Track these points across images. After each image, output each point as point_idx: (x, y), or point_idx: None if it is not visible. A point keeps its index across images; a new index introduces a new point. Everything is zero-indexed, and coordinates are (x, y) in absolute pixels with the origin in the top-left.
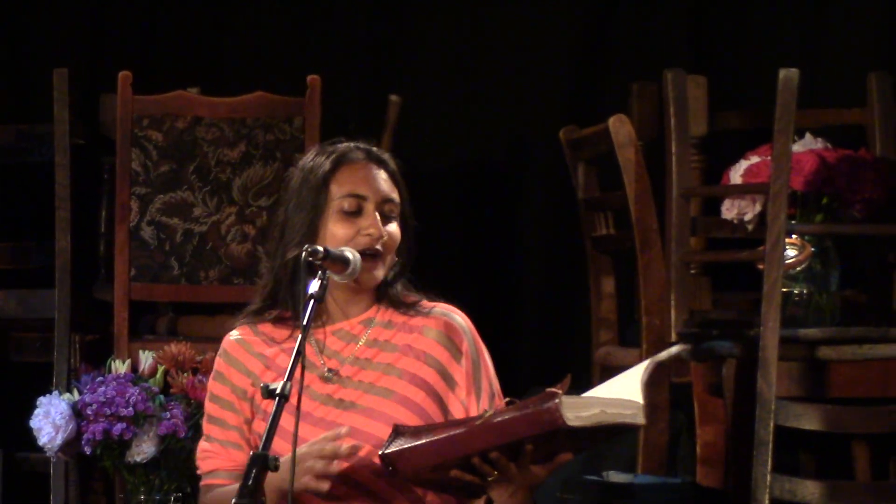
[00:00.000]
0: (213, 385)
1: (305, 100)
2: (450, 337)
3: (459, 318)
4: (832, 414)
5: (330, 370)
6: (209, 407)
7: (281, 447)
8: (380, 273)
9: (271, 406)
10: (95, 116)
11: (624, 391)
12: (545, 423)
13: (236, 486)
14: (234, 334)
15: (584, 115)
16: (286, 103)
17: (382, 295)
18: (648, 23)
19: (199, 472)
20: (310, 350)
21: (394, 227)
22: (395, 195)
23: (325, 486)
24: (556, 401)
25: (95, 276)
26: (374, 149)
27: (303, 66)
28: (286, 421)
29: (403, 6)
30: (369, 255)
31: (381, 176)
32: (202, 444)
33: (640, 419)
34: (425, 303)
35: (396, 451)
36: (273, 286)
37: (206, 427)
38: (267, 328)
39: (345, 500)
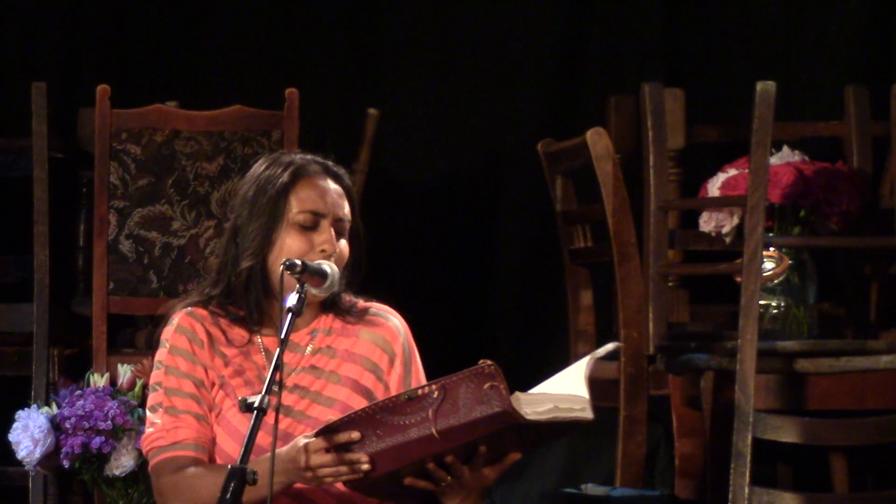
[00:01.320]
0: (175, 360)
1: (284, 113)
2: (385, 338)
3: (395, 320)
4: (810, 426)
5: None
6: (173, 381)
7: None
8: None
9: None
10: (73, 130)
11: (569, 387)
12: (505, 419)
13: (215, 472)
14: (194, 316)
15: (562, 127)
16: (264, 116)
17: (328, 305)
18: (625, 36)
19: (157, 447)
20: (259, 356)
21: (343, 244)
22: (347, 213)
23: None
24: (501, 393)
25: (74, 290)
26: (330, 163)
27: (281, 80)
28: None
29: (381, 20)
30: None
31: (337, 192)
32: (162, 419)
33: (589, 413)
34: (361, 303)
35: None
36: (225, 288)
37: (169, 400)
38: (224, 324)
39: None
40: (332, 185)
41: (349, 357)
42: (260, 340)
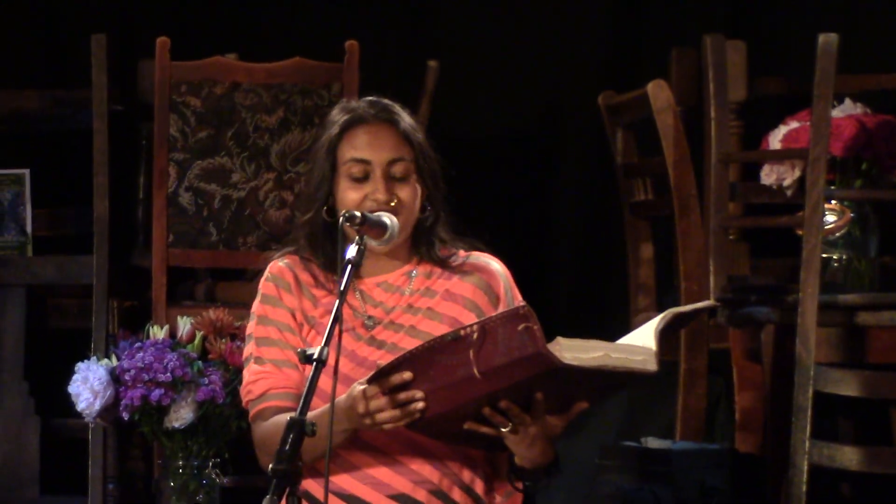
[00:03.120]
0: (264, 309)
1: (344, 65)
2: (487, 282)
3: (496, 264)
4: (871, 380)
5: (371, 317)
6: (261, 330)
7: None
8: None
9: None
10: (133, 83)
11: (637, 338)
12: (542, 361)
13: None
14: (283, 262)
15: (623, 80)
16: (324, 69)
17: (419, 247)
18: None
19: (249, 400)
20: (353, 298)
21: (406, 186)
22: (402, 154)
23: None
24: (535, 334)
25: (134, 243)
26: (387, 105)
27: (341, 32)
28: (325, 382)
29: None
30: None
31: (389, 135)
32: (252, 368)
33: (651, 365)
34: (462, 253)
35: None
36: (306, 238)
37: (257, 350)
38: (317, 269)
39: (388, 454)
40: (384, 130)
41: (449, 297)
42: (354, 283)
